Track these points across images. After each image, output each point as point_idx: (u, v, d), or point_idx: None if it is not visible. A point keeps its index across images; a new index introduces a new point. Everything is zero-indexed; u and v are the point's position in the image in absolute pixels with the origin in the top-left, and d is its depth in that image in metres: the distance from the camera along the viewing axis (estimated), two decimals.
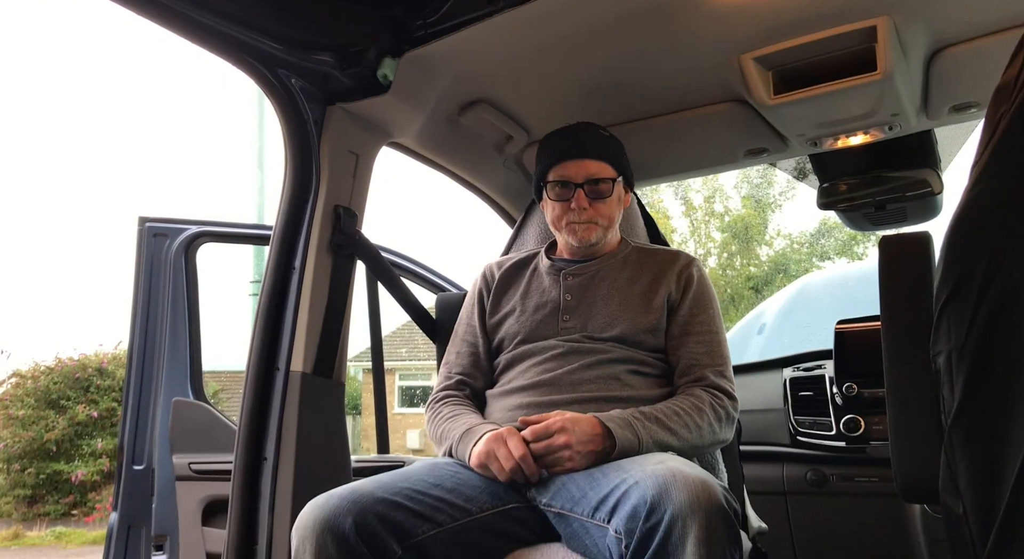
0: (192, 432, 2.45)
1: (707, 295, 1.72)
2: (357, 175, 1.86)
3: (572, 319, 1.68)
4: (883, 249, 1.20)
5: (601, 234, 1.73)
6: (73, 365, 12.07)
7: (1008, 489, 0.91)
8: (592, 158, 1.71)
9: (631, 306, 1.67)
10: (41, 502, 11.92)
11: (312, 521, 1.27)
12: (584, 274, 1.74)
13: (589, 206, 1.70)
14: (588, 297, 1.71)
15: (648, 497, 1.16)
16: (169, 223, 2.59)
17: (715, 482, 1.19)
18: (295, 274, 1.77)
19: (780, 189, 20.90)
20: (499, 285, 1.83)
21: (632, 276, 1.73)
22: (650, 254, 1.79)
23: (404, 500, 1.33)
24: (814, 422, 2.31)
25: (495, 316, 1.79)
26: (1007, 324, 0.93)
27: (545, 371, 1.63)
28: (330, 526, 1.25)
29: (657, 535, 1.13)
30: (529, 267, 1.84)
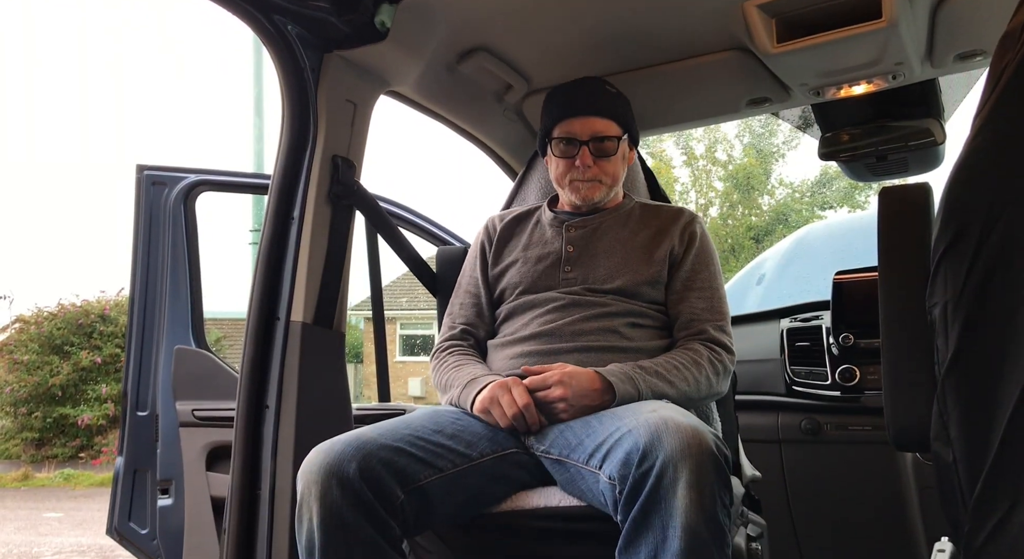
0: (194, 379, 2.48)
1: (709, 252, 1.74)
2: (355, 124, 1.84)
3: (574, 270, 1.69)
4: (883, 200, 1.20)
5: (605, 193, 1.74)
6: (76, 311, 12.14)
7: (997, 438, 0.93)
8: (598, 115, 1.70)
9: (633, 259, 1.68)
10: (49, 445, 12.12)
11: (317, 467, 1.29)
12: (587, 227, 1.75)
13: (594, 164, 1.69)
14: (590, 249, 1.71)
15: (640, 444, 1.19)
16: (167, 171, 2.57)
17: (706, 429, 1.21)
18: (294, 224, 1.77)
19: (783, 138, 20.74)
20: (501, 237, 1.84)
21: (635, 230, 1.74)
22: (653, 210, 1.79)
23: (407, 446, 1.36)
24: (810, 372, 2.33)
25: (497, 267, 1.79)
26: (1003, 276, 0.94)
27: (546, 322, 1.64)
28: (335, 471, 1.27)
29: (649, 480, 1.16)
30: (532, 219, 1.84)
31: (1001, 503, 0.93)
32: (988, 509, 0.94)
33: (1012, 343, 0.92)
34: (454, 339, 1.77)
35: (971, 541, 0.97)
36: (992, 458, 0.93)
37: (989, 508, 0.94)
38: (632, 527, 1.18)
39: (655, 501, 1.16)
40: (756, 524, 1.62)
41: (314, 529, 1.26)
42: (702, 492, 1.15)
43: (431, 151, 31.06)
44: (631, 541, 1.19)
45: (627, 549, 1.19)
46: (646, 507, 1.17)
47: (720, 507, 1.18)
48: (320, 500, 1.26)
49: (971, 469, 0.96)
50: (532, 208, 1.88)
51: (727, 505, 1.20)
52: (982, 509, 0.95)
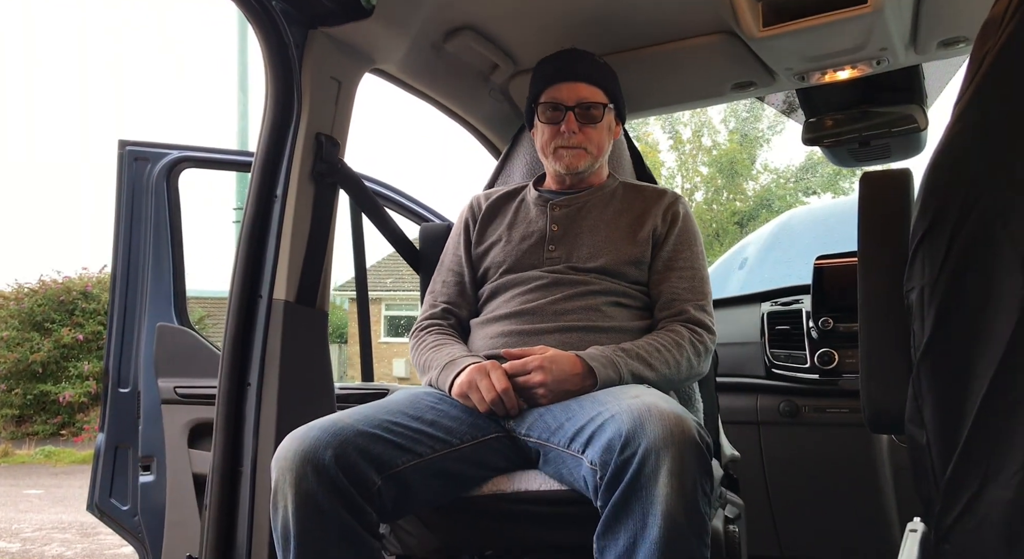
0: (176, 357, 2.47)
1: (692, 232, 1.74)
2: (339, 102, 1.83)
3: (558, 249, 1.69)
4: (864, 185, 1.21)
5: (589, 163, 1.72)
6: (57, 288, 12.03)
7: (970, 421, 0.94)
8: (585, 81, 1.70)
9: (616, 238, 1.68)
10: (29, 422, 12.04)
11: (292, 453, 1.28)
12: (572, 205, 1.75)
13: (579, 131, 1.68)
14: (574, 228, 1.71)
15: (623, 431, 1.19)
16: (150, 147, 2.55)
17: (689, 416, 1.22)
18: (277, 202, 1.76)
19: (768, 123, 20.78)
20: (486, 215, 1.83)
21: (619, 210, 1.74)
22: (637, 190, 1.80)
23: (384, 432, 1.35)
24: (789, 355, 2.36)
25: (481, 245, 1.79)
26: (978, 261, 0.95)
27: (528, 301, 1.64)
28: (310, 458, 1.26)
29: (631, 467, 1.16)
30: (516, 198, 1.84)
31: (971, 483, 0.95)
32: (959, 489, 0.96)
33: (986, 327, 0.94)
34: (434, 318, 1.76)
35: (942, 520, 0.99)
36: (964, 440, 0.95)
37: (960, 488, 0.96)
38: (612, 513, 1.19)
39: (636, 488, 1.16)
40: (734, 505, 1.65)
41: (289, 516, 1.26)
42: (683, 480, 1.15)
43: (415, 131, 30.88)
44: (610, 526, 1.19)
45: (605, 534, 1.20)
46: (627, 493, 1.17)
47: (701, 495, 1.18)
48: (295, 487, 1.26)
49: (944, 450, 0.98)
50: (518, 187, 1.88)
51: (708, 493, 1.20)
52: (953, 489, 0.96)
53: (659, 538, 1.13)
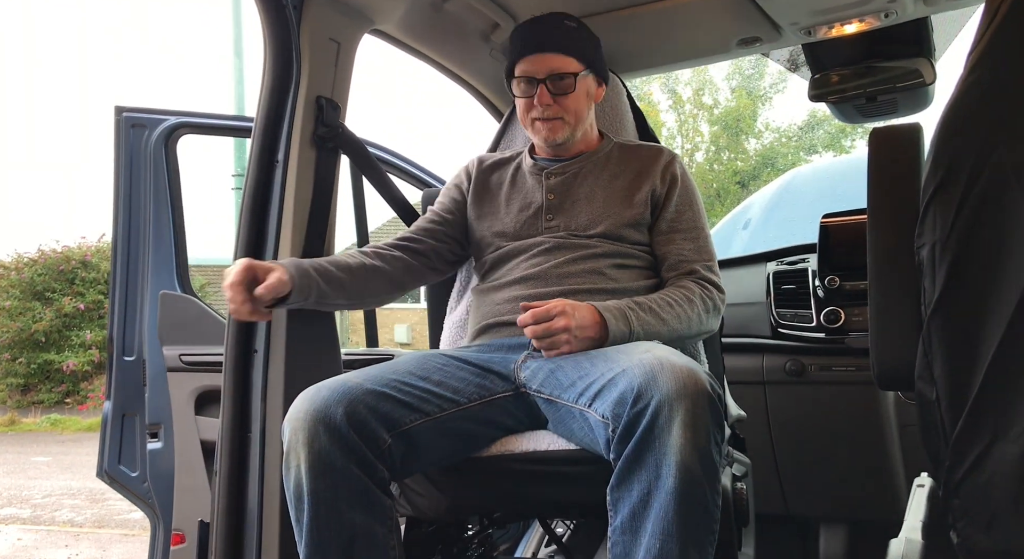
0: (180, 324, 2.47)
1: (691, 191, 1.73)
2: (339, 64, 1.80)
3: (556, 218, 1.69)
4: (873, 141, 1.19)
5: (568, 133, 1.70)
6: (57, 257, 12.03)
7: (980, 376, 0.94)
8: (554, 51, 1.66)
9: (614, 202, 1.68)
10: (34, 391, 12.13)
11: (303, 413, 1.30)
12: (566, 173, 1.74)
13: (553, 102, 1.66)
14: (571, 196, 1.71)
15: (636, 384, 1.19)
16: (147, 113, 2.52)
17: (701, 369, 1.22)
18: (278, 167, 1.75)
19: (771, 81, 20.57)
20: (481, 177, 1.83)
21: (614, 173, 1.73)
22: (632, 151, 1.78)
23: (392, 391, 1.36)
24: (795, 314, 2.35)
25: (478, 209, 1.79)
26: (991, 216, 0.94)
27: (532, 265, 1.65)
28: (321, 416, 1.28)
29: (644, 419, 1.17)
30: (512, 165, 1.83)
31: (981, 438, 0.95)
32: (969, 444, 0.96)
33: (997, 282, 0.93)
34: (383, 245, 1.76)
35: (951, 475, 0.99)
36: (974, 395, 0.95)
37: (970, 443, 0.96)
38: (625, 465, 1.19)
39: (649, 440, 1.17)
40: (741, 463, 1.66)
41: (303, 475, 1.27)
42: (696, 431, 1.16)
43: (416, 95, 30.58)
44: (623, 479, 1.20)
45: (619, 486, 1.20)
46: (640, 446, 1.17)
47: (714, 445, 1.19)
48: (308, 446, 1.27)
49: (953, 406, 0.98)
50: (514, 154, 1.87)
51: (719, 443, 1.21)
52: (963, 445, 0.97)
53: (674, 488, 1.14)
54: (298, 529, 1.30)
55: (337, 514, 1.27)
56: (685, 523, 1.14)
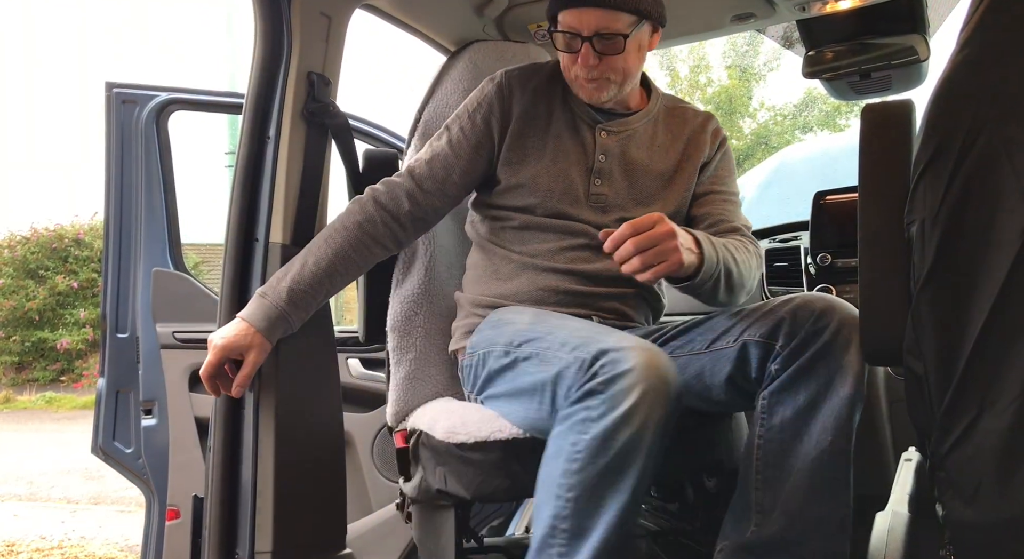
0: (174, 302, 2.47)
1: (732, 159, 1.72)
2: (330, 39, 1.79)
3: (604, 184, 1.58)
4: (865, 117, 1.19)
5: (615, 91, 1.55)
6: (49, 235, 11.97)
7: (967, 351, 0.95)
8: (602, 6, 1.44)
9: (667, 182, 1.61)
10: (29, 369, 12.13)
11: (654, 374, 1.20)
12: (622, 132, 1.60)
13: (599, 62, 1.49)
14: (624, 161, 1.60)
15: (816, 307, 1.27)
16: (138, 89, 2.50)
17: None
18: (270, 143, 1.74)
19: (765, 59, 20.47)
20: (520, 108, 1.60)
21: (666, 142, 1.63)
22: (679, 114, 1.68)
23: None
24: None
25: (514, 152, 1.60)
26: (981, 191, 0.94)
27: (582, 259, 1.56)
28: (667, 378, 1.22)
29: (824, 335, 1.25)
30: (556, 98, 1.63)
31: (968, 412, 0.96)
32: (956, 418, 0.97)
33: (986, 258, 0.94)
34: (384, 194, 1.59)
35: (938, 449, 1.00)
36: (961, 369, 0.96)
37: (957, 417, 0.97)
38: (793, 374, 1.26)
39: (827, 353, 1.24)
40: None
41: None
42: (862, 363, 1.24)
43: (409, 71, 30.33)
44: (789, 385, 1.27)
45: (782, 391, 1.27)
46: (815, 357, 1.25)
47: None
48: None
49: (941, 380, 0.99)
50: (552, 75, 1.64)
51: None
52: (950, 418, 0.98)
53: (849, 396, 1.24)
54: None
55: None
56: (851, 432, 1.25)
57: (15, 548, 4.50)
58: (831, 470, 1.25)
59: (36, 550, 4.46)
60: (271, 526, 1.65)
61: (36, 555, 4.37)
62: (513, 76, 1.64)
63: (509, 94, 1.62)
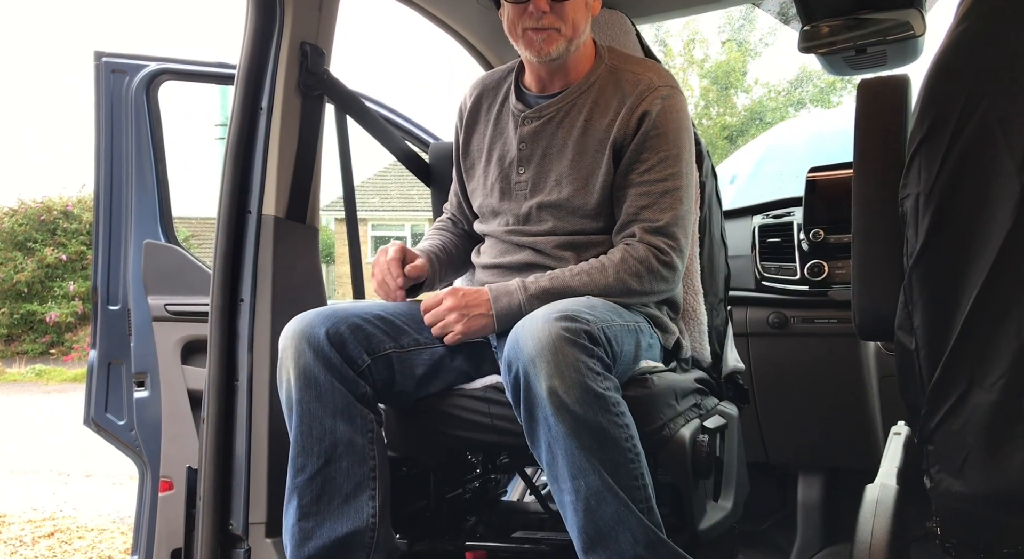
0: (165, 274, 2.46)
1: (663, 134, 1.53)
2: (323, 9, 1.77)
3: (525, 172, 1.61)
4: (861, 92, 1.19)
5: (564, 46, 1.52)
6: (37, 208, 11.91)
7: (959, 325, 0.96)
8: None
9: (574, 164, 1.57)
10: (18, 341, 12.11)
11: (292, 332, 1.44)
12: (541, 117, 1.61)
13: (549, 10, 1.48)
14: (542, 147, 1.61)
15: (506, 354, 1.29)
16: (127, 59, 2.47)
17: (557, 314, 1.27)
18: (263, 115, 1.72)
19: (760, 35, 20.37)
20: (470, 119, 1.74)
21: (590, 116, 1.57)
22: (618, 80, 1.59)
23: (375, 320, 1.49)
24: (779, 267, 2.37)
25: (467, 159, 1.75)
26: (975, 167, 0.95)
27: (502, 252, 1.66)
28: (306, 335, 1.42)
29: (520, 383, 1.26)
30: (500, 95, 1.70)
31: (958, 386, 0.97)
32: (945, 392, 0.98)
33: (979, 234, 0.94)
34: (442, 221, 1.87)
35: (927, 422, 1.01)
36: (952, 344, 0.97)
37: (946, 391, 0.98)
38: (526, 424, 1.29)
39: (530, 398, 1.26)
40: (723, 415, 1.67)
41: (291, 387, 1.41)
42: (563, 375, 1.23)
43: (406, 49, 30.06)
44: (530, 436, 1.30)
45: (532, 445, 1.30)
46: (528, 405, 1.27)
47: (590, 376, 1.25)
48: (295, 361, 1.41)
49: (931, 355, 1.00)
50: (505, 74, 1.72)
51: (597, 370, 1.27)
52: (939, 392, 0.99)
53: (565, 432, 1.23)
54: (291, 436, 1.43)
55: (319, 423, 1.41)
56: (590, 455, 1.24)
57: (6, 519, 4.51)
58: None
59: (28, 521, 4.48)
60: (265, 497, 1.67)
61: (28, 526, 4.39)
62: (469, 89, 1.77)
63: (469, 101, 1.75)
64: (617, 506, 1.24)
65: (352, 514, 1.40)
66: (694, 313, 1.77)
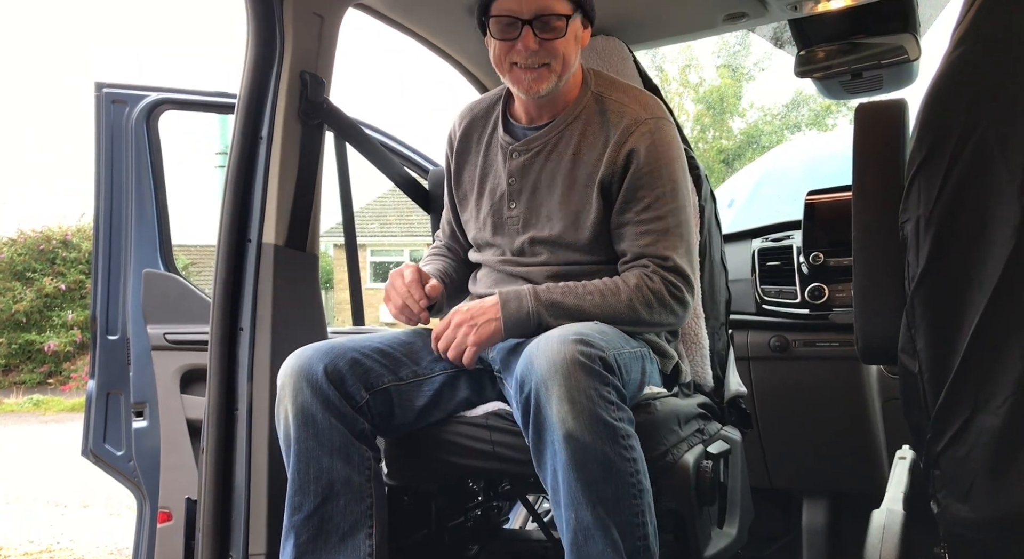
0: (165, 303, 2.45)
1: (654, 168, 1.50)
2: (323, 39, 1.79)
3: (518, 206, 1.59)
4: (858, 116, 1.19)
5: (554, 83, 1.50)
6: (37, 237, 11.92)
7: (962, 349, 0.95)
8: None
9: (564, 200, 1.55)
10: (16, 371, 12.06)
11: (290, 369, 1.44)
12: (530, 150, 1.58)
13: (540, 47, 1.46)
14: (531, 181, 1.58)
15: (519, 373, 1.28)
16: (128, 89, 2.48)
17: (574, 337, 1.26)
18: (263, 143, 1.73)
19: (755, 59, 20.56)
20: (460, 149, 1.71)
21: (578, 149, 1.54)
22: (604, 107, 1.56)
23: (373, 353, 1.47)
24: (779, 291, 2.37)
25: (459, 189, 1.72)
26: (975, 190, 0.95)
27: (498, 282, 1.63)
28: (304, 373, 1.41)
29: (531, 404, 1.25)
30: (489, 124, 1.67)
31: (962, 410, 0.96)
32: (950, 416, 0.97)
33: (980, 256, 0.94)
34: (437, 247, 1.86)
35: (932, 447, 1.01)
36: (956, 368, 0.96)
37: (951, 416, 0.97)
38: (534, 447, 1.28)
39: (539, 420, 1.24)
40: (726, 440, 1.65)
41: (290, 425, 1.41)
42: (574, 401, 1.21)
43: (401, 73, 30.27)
44: (537, 459, 1.28)
45: (538, 468, 1.29)
46: (537, 427, 1.25)
47: (602, 405, 1.23)
48: (292, 399, 1.41)
49: (935, 379, 0.99)
50: (493, 102, 1.68)
51: (612, 400, 1.25)
52: (944, 417, 0.98)
53: (567, 459, 1.22)
54: (288, 473, 1.42)
55: (317, 461, 1.39)
56: (588, 487, 1.22)
57: (3, 551, 4.46)
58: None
59: (24, 554, 4.43)
60: (265, 528, 1.65)
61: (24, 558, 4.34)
62: (458, 117, 1.74)
63: (458, 131, 1.72)
64: (604, 546, 1.22)
65: (349, 552, 1.39)
66: (696, 337, 1.77)
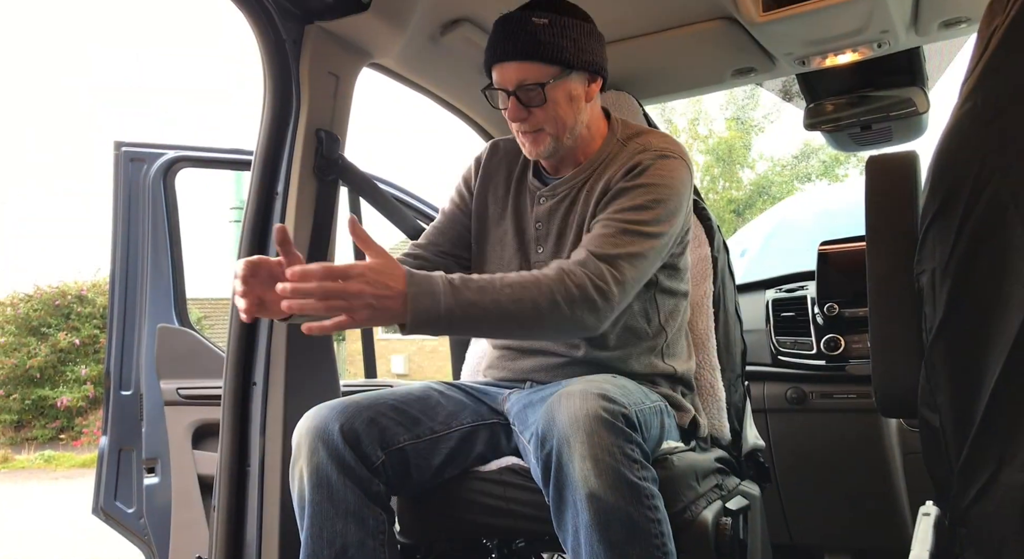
0: (178, 358, 2.46)
1: (653, 183, 1.45)
2: (338, 97, 1.82)
3: (544, 251, 1.57)
4: (870, 169, 1.20)
5: (552, 145, 1.50)
6: (52, 293, 12.01)
7: (984, 403, 0.94)
8: (518, 59, 1.43)
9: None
10: (28, 427, 12.03)
11: (305, 429, 1.40)
12: (555, 196, 1.57)
13: (528, 115, 1.47)
14: (557, 225, 1.57)
15: (540, 428, 1.24)
16: (146, 147, 2.54)
17: (596, 392, 1.23)
18: (278, 199, 1.75)
19: (764, 112, 20.78)
20: (486, 173, 1.67)
21: (602, 191, 1.51)
22: (628, 147, 1.55)
23: (389, 411, 1.44)
24: (795, 342, 2.35)
25: (479, 223, 1.66)
26: (990, 241, 0.94)
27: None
28: (320, 432, 1.38)
29: (552, 460, 1.22)
30: (516, 169, 1.66)
31: (987, 466, 0.94)
32: (974, 472, 0.96)
33: (999, 308, 0.93)
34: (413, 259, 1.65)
35: (958, 503, 0.98)
36: (978, 423, 0.95)
37: (976, 471, 0.95)
38: (555, 505, 1.24)
39: (561, 478, 1.21)
40: (745, 496, 1.62)
41: (304, 486, 1.37)
42: (597, 459, 1.18)
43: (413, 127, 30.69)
44: (558, 519, 1.24)
45: (558, 527, 1.25)
46: (558, 485, 1.22)
47: (626, 464, 1.20)
48: (308, 460, 1.37)
49: (958, 434, 0.97)
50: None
51: (636, 458, 1.22)
52: (969, 472, 0.96)
53: (590, 520, 1.18)
54: (301, 536, 1.38)
55: (330, 524, 1.36)
56: (612, 549, 1.18)
57: None
58: None
59: None
60: None
61: None
62: (492, 148, 1.71)
63: (479, 168, 1.69)
64: None
65: None
66: (712, 389, 1.75)
